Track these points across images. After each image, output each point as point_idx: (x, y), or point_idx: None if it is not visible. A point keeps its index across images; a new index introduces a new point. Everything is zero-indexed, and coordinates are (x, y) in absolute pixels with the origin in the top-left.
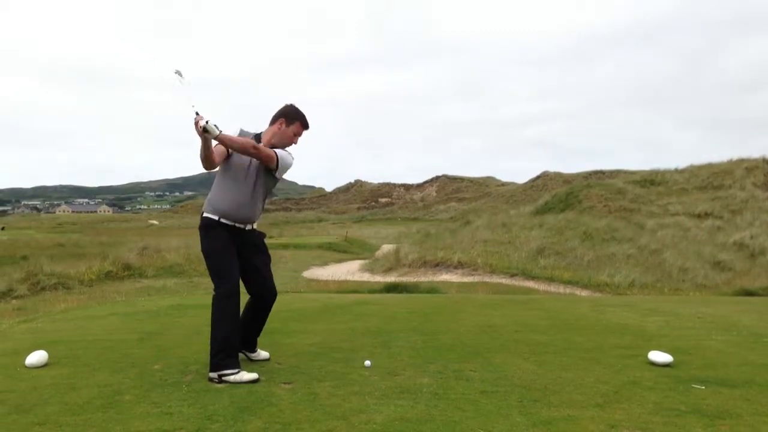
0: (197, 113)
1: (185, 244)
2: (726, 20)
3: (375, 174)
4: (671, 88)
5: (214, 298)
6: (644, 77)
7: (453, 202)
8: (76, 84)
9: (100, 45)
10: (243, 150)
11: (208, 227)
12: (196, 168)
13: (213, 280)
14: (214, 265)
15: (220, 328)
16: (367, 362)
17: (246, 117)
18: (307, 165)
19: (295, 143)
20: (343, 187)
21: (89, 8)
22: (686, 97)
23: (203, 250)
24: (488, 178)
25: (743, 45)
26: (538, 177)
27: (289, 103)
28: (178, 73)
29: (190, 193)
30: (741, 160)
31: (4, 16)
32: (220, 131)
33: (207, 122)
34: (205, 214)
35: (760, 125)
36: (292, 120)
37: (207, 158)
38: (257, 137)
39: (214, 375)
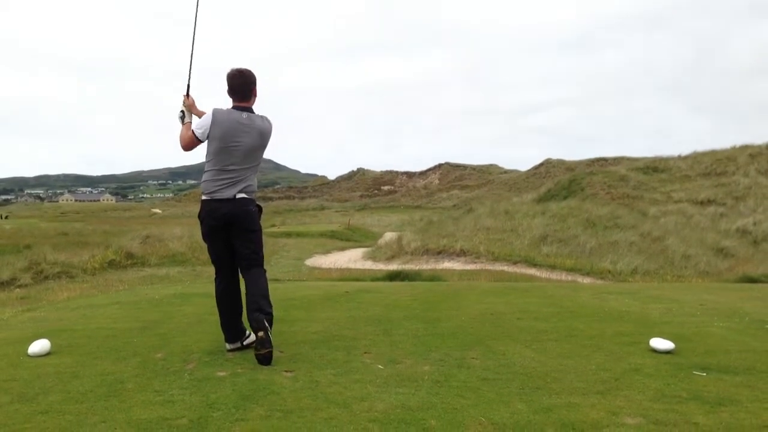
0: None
1: (188, 233)
2: (736, 4)
3: (378, 162)
4: (679, 75)
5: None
6: (651, 64)
7: (456, 189)
8: (78, 74)
9: (102, 35)
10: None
11: None
12: (199, 157)
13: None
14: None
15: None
16: None
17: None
18: (310, 153)
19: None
20: (345, 175)
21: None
22: (694, 84)
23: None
24: (491, 165)
25: (754, 30)
26: (540, 164)
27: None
28: None
29: (192, 182)
30: (745, 147)
31: (4, 8)
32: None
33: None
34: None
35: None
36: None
37: None
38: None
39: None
